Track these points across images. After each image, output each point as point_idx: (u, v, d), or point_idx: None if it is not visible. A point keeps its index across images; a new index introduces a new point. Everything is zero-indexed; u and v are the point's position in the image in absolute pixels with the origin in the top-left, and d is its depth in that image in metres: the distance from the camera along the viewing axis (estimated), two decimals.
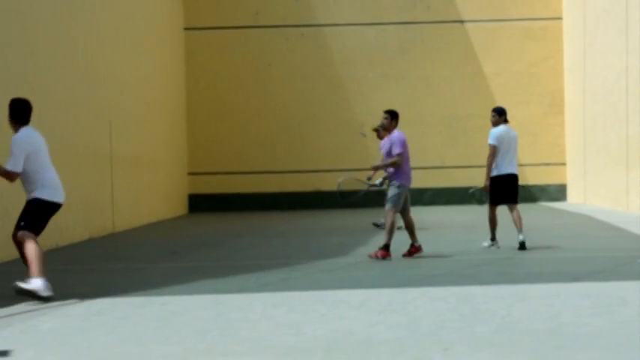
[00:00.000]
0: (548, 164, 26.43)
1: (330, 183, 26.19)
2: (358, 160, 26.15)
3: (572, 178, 25.93)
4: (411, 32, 26.45)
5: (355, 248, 13.59)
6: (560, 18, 26.44)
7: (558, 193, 26.46)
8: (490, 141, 12.90)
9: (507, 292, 8.56)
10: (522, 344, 6.11)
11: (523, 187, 26.42)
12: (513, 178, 12.91)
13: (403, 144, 12.14)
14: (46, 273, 8.65)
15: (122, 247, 15.44)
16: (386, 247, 11.84)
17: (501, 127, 13.01)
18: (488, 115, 25.80)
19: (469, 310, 7.52)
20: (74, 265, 12.17)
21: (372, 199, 25.84)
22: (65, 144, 15.51)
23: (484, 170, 13.00)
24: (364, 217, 21.61)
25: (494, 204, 12.92)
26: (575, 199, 25.33)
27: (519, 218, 12.78)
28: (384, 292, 8.81)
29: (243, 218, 22.79)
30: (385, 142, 12.42)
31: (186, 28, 26.52)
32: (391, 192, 12.05)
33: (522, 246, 12.55)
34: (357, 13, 26.53)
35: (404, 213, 12.27)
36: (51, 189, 8.90)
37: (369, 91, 26.30)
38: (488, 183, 12.82)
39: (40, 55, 14.55)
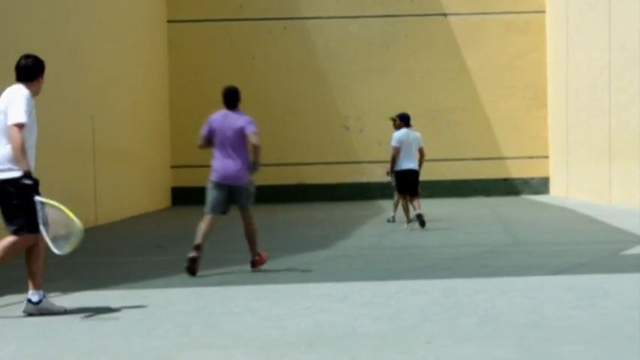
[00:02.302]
0: (531, 157, 26.50)
1: (313, 176, 26.25)
2: (341, 154, 26.19)
3: (555, 172, 26.01)
4: (394, 25, 26.44)
5: (338, 241, 13.59)
6: (543, 11, 26.47)
7: (541, 186, 26.53)
8: (392, 143, 15.17)
9: (490, 285, 8.58)
10: (505, 337, 6.13)
11: (505, 180, 26.61)
12: (413, 173, 15.17)
13: (207, 125, 10.23)
14: None
15: (105, 240, 15.39)
16: (196, 248, 9.92)
17: (402, 131, 15.20)
18: (471, 108, 26.22)
19: (452, 303, 7.54)
20: (56, 258, 12.10)
21: (358, 193, 25.95)
22: (48, 137, 15.39)
23: (467, 163, 14.49)
24: (347, 210, 21.63)
25: (400, 192, 15.38)
26: (558, 192, 25.41)
27: (419, 205, 15.07)
28: (367, 285, 8.82)
29: None
30: None
31: (169, 21, 26.41)
32: None
33: (421, 222, 14.87)
34: (341, 6, 26.50)
35: (244, 218, 10.37)
36: None
37: (352, 84, 26.28)
38: (392, 175, 15.37)
39: (24, 49, 14.45)
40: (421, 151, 15.37)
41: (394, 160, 15.15)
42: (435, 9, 26.38)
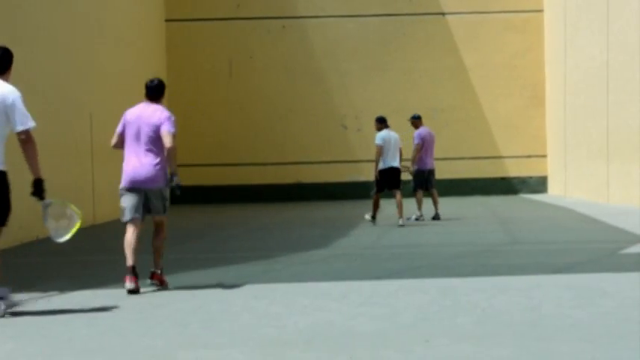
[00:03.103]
0: (529, 156, 26.51)
1: (312, 175, 26.24)
2: (340, 152, 26.19)
3: (553, 171, 26.02)
4: (392, 24, 26.44)
5: (337, 240, 13.59)
6: (541, 10, 26.48)
7: (539, 185, 26.54)
8: (377, 142, 15.93)
9: (488, 283, 8.58)
10: (503, 336, 6.13)
11: (503, 179, 26.62)
12: (395, 170, 16.01)
13: (121, 120, 9.05)
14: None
15: (103, 239, 15.38)
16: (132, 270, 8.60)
17: (384, 131, 16.04)
18: (469, 107, 26.25)
19: (450, 302, 7.54)
20: (54, 257, 12.11)
21: (356, 191, 25.95)
22: (46, 136, 15.39)
23: (465, 162, 14.63)
24: (346, 209, 21.63)
25: (379, 191, 15.99)
26: (556, 192, 25.42)
27: (401, 204, 15.94)
28: (365, 284, 8.82)
29: (224, 210, 22.77)
30: None
31: (167, 20, 26.40)
32: None
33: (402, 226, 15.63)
34: (339, 5, 26.49)
35: (157, 226, 9.13)
36: None
37: (350, 83, 26.28)
38: (377, 174, 15.91)
39: (22, 48, 14.46)
40: (400, 151, 16.30)
41: (378, 160, 15.97)
42: (433, 8, 26.38)
